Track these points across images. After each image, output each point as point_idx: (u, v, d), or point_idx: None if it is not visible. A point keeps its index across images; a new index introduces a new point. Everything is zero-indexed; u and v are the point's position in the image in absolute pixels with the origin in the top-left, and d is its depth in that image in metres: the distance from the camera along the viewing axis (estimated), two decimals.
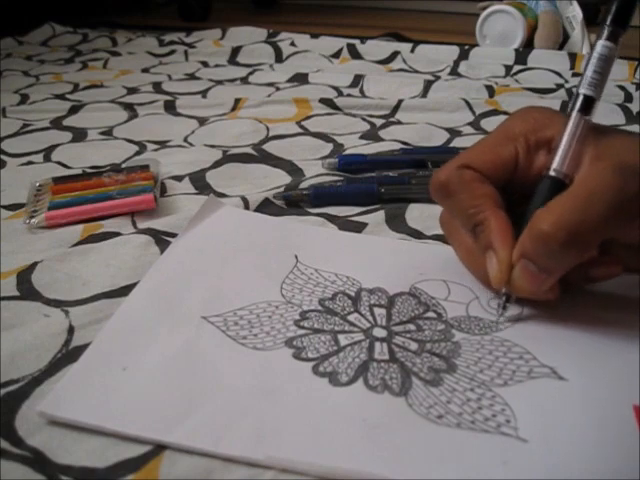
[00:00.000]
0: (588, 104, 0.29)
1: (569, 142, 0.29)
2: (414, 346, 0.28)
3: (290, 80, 0.76)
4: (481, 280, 0.32)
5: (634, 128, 0.58)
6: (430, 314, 0.31)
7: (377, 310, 0.31)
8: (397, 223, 0.40)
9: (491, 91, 0.69)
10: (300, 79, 0.76)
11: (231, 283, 0.33)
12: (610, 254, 0.29)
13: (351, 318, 0.30)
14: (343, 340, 0.29)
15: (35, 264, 0.35)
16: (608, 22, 0.29)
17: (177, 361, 0.27)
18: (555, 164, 0.29)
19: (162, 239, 0.38)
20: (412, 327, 0.30)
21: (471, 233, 0.30)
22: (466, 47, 0.86)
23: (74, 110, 0.65)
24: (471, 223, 0.30)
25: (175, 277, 0.34)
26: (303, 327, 0.30)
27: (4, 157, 0.53)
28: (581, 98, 0.30)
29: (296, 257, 0.35)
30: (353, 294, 0.32)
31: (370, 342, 0.29)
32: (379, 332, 0.29)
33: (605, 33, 0.30)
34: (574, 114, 0.29)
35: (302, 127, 0.59)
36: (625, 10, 0.29)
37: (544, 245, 0.27)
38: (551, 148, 0.30)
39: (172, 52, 0.93)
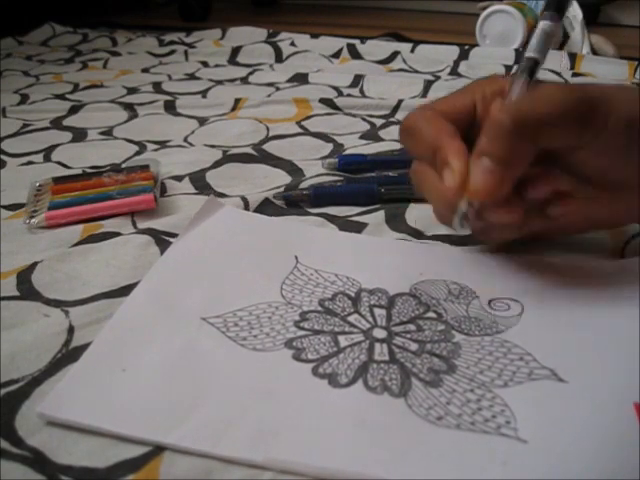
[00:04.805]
0: (533, 67, 0.32)
1: (518, 87, 0.31)
2: (414, 347, 0.28)
3: (290, 80, 0.76)
4: (447, 223, 0.33)
5: None
6: (430, 314, 0.31)
7: (377, 311, 0.31)
8: (397, 223, 0.40)
9: None
10: (300, 79, 0.76)
11: (231, 284, 0.33)
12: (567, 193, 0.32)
13: (351, 319, 0.30)
14: (343, 341, 0.29)
15: (35, 264, 0.35)
16: (551, 9, 0.34)
17: (177, 362, 0.27)
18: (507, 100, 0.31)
19: (162, 239, 0.38)
20: (412, 327, 0.30)
21: (433, 163, 0.32)
22: (466, 47, 0.86)
23: (74, 110, 0.65)
24: (431, 151, 0.31)
25: (175, 278, 0.34)
26: (303, 328, 0.30)
27: (4, 157, 0.53)
28: (526, 61, 0.32)
29: (296, 258, 0.35)
30: (353, 295, 0.32)
31: (370, 343, 0.28)
32: (379, 333, 0.29)
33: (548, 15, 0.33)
34: (520, 75, 0.32)
35: (302, 127, 0.59)
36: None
37: (495, 129, 0.29)
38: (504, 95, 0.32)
39: (172, 52, 0.93)
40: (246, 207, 0.42)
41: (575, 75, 0.75)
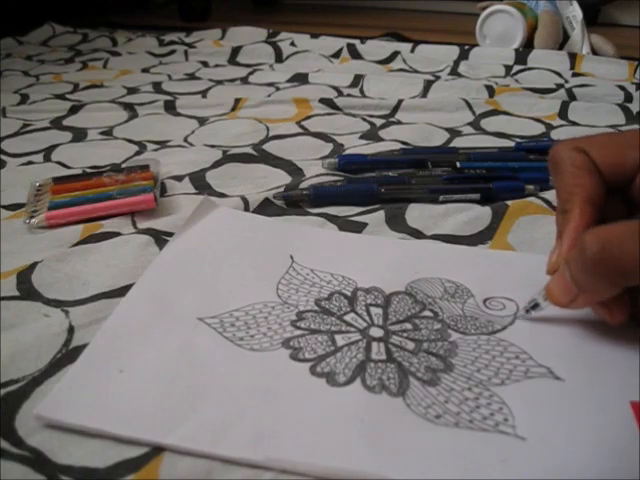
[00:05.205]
0: None
1: None
2: (411, 345, 0.28)
3: (290, 80, 0.76)
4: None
5: (634, 128, 0.58)
6: (426, 313, 0.31)
7: (373, 310, 0.31)
8: (397, 223, 0.40)
9: (491, 91, 0.69)
10: (300, 79, 0.76)
11: (227, 284, 0.33)
12: None
13: (347, 318, 0.30)
14: (340, 340, 0.29)
15: (35, 264, 0.35)
16: None
17: (174, 363, 0.27)
18: None
19: (162, 239, 0.38)
20: (409, 326, 0.30)
21: (561, 213, 0.29)
22: (466, 47, 0.86)
23: (74, 110, 0.65)
24: (561, 207, 0.29)
25: (170, 278, 0.34)
26: (300, 327, 0.30)
27: (4, 157, 0.53)
28: None
29: (291, 257, 0.35)
30: (349, 294, 0.32)
31: (367, 342, 0.29)
32: (376, 332, 0.29)
33: None
34: None
35: (302, 127, 0.59)
36: None
37: (578, 253, 0.25)
38: None
39: (172, 52, 0.93)
40: (246, 207, 0.42)
41: (575, 75, 0.75)
